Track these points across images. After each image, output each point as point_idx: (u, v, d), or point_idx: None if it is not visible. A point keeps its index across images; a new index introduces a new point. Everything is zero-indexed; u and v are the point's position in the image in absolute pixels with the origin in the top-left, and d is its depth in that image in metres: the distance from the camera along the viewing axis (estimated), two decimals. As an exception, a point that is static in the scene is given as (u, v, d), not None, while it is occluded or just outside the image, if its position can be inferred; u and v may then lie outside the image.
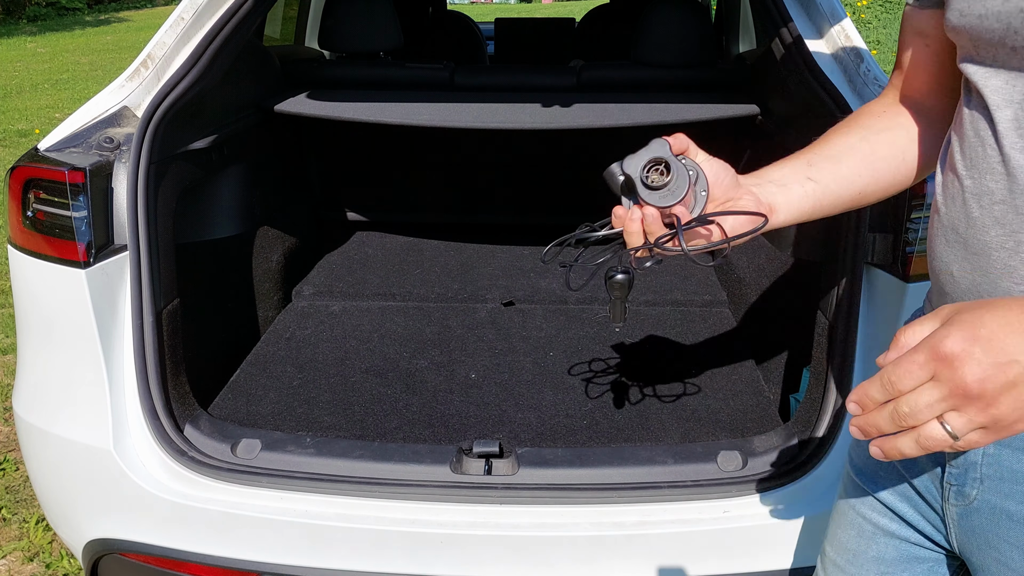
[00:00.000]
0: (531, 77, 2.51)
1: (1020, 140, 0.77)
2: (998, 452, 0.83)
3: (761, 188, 0.98)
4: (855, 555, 1.05)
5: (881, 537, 1.02)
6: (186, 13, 1.66)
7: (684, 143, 0.96)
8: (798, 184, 0.99)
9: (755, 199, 0.96)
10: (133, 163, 1.54)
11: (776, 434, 1.59)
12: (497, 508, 1.47)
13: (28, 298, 1.58)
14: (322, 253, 2.75)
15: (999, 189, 0.79)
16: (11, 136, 7.35)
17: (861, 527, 1.04)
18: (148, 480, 1.51)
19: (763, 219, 0.93)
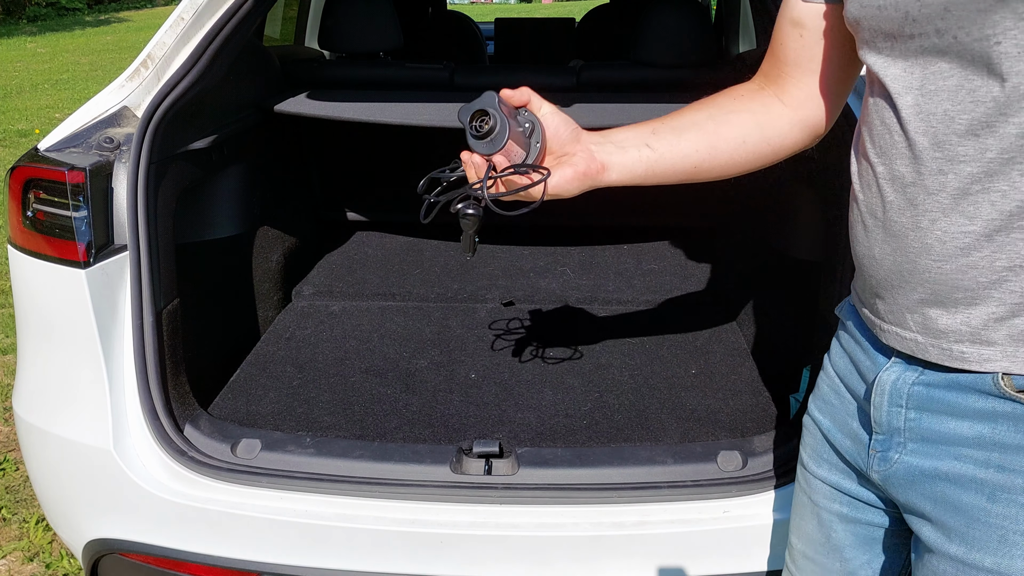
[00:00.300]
0: (531, 77, 2.51)
1: (923, 124, 0.80)
2: (919, 417, 0.89)
3: (600, 147, 1.03)
4: (820, 544, 1.09)
5: (838, 523, 1.06)
6: (186, 13, 1.66)
7: (525, 96, 1.02)
8: (635, 148, 1.05)
9: (589, 156, 1.02)
10: (133, 163, 1.54)
11: (776, 434, 1.59)
12: (497, 508, 1.47)
13: (28, 298, 1.58)
14: (322, 253, 2.75)
15: (909, 172, 0.82)
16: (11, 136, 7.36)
17: (819, 515, 1.08)
18: (148, 480, 1.51)
19: (546, 173, 0.99)
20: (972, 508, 0.86)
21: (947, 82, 0.78)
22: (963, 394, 0.84)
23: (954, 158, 0.78)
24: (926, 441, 0.89)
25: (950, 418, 0.86)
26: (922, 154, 0.80)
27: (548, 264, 2.66)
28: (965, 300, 0.81)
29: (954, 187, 0.79)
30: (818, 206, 1.74)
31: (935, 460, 0.88)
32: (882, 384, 0.92)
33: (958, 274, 0.80)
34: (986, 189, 0.77)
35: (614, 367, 2.04)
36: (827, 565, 1.09)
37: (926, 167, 0.80)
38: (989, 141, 0.76)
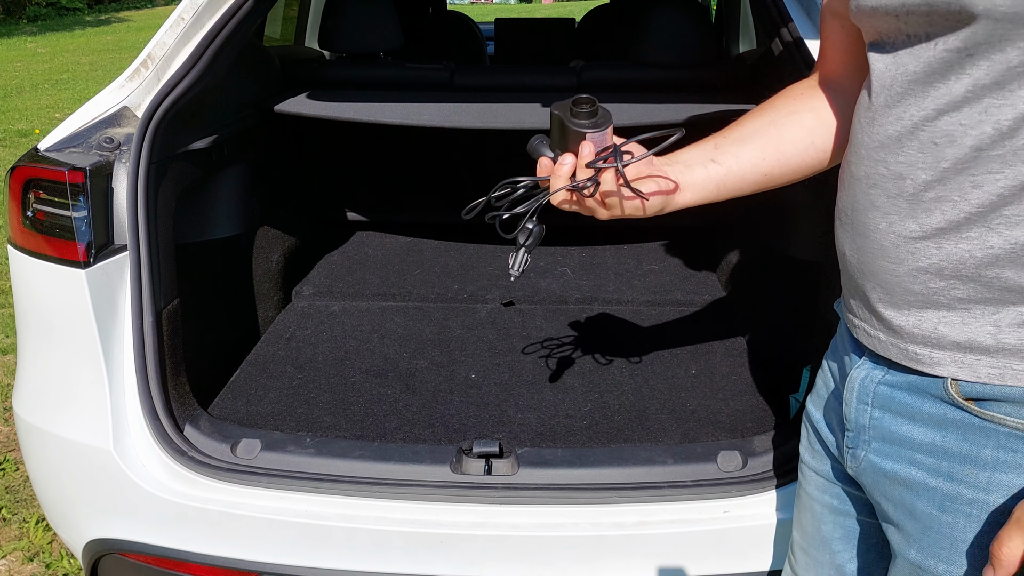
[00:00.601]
0: (531, 77, 2.52)
1: (887, 127, 0.81)
2: (881, 416, 0.90)
3: (670, 168, 1.03)
4: (812, 536, 1.11)
5: (828, 516, 1.08)
6: (186, 13, 1.66)
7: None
8: (701, 166, 1.03)
9: (664, 176, 1.02)
10: (133, 163, 1.54)
11: (776, 434, 1.59)
12: (497, 508, 1.47)
13: (28, 298, 1.58)
14: (322, 253, 2.75)
15: (874, 174, 0.83)
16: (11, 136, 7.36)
17: (812, 508, 1.10)
18: (148, 480, 1.51)
19: (682, 131, 0.98)
20: (925, 515, 0.87)
21: (913, 86, 0.79)
22: (920, 398, 0.85)
23: (912, 163, 0.79)
24: (887, 442, 0.90)
25: (907, 421, 0.87)
26: (886, 157, 0.82)
27: (548, 264, 2.66)
28: (917, 303, 0.82)
29: (909, 192, 0.80)
30: (818, 206, 1.74)
31: (894, 462, 0.90)
32: (852, 381, 0.94)
33: (909, 278, 0.82)
34: (939, 197, 0.78)
35: (614, 367, 2.04)
36: (818, 558, 1.11)
37: (890, 170, 0.81)
38: (946, 151, 0.77)
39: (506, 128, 2.10)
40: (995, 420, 0.80)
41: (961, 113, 0.75)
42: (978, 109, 0.74)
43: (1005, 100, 0.73)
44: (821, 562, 1.11)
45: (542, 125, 2.11)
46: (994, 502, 0.81)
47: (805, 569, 1.14)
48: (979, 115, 0.74)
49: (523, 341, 2.19)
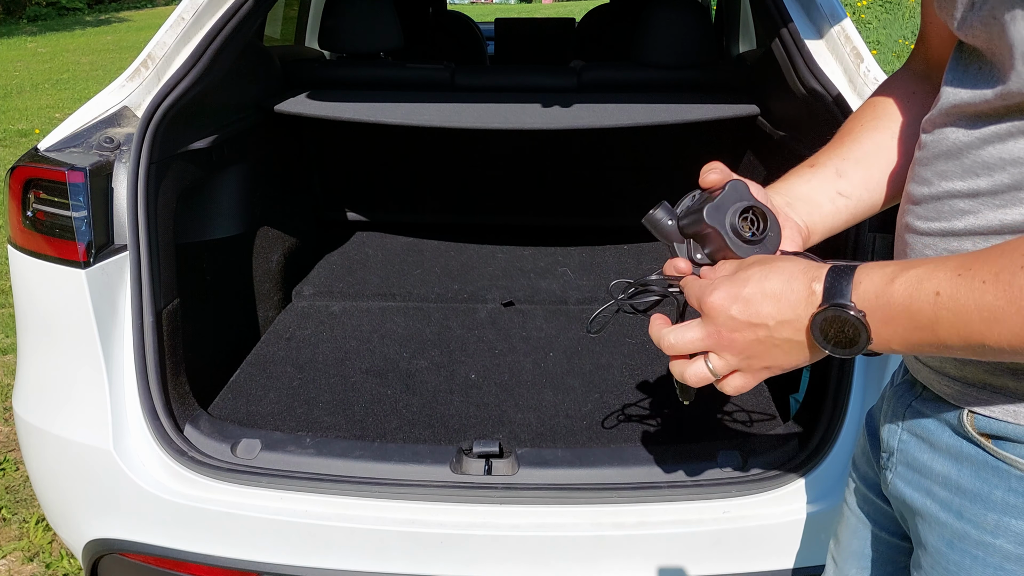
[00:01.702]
0: (531, 77, 2.51)
1: (930, 161, 0.79)
2: (908, 440, 0.87)
3: (793, 208, 0.93)
4: (844, 548, 1.08)
5: (862, 530, 1.04)
6: (186, 13, 1.66)
7: (755, 186, 0.90)
8: (829, 202, 0.94)
9: (793, 224, 0.92)
10: (133, 163, 1.54)
11: (776, 434, 1.59)
12: (497, 508, 1.47)
13: (28, 298, 1.58)
14: (322, 253, 2.75)
15: (916, 193, 0.81)
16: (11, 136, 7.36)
17: (848, 520, 1.07)
18: (148, 480, 1.51)
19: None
20: (934, 550, 0.85)
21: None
22: (941, 426, 0.83)
23: (950, 191, 0.77)
24: (911, 468, 0.88)
25: (929, 449, 0.85)
26: (931, 178, 0.80)
27: (548, 264, 2.66)
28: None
29: (945, 220, 0.78)
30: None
31: (913, 490, 0.88)
32: (890, 399, 0.92)
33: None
34: (969, 228, 0.76)
35: (614, 367, 2.04)
36: (845, 571, 1.08)
37: (931, 189, 0.80)
38: (980, 183, 0.74)
39: (506, 128, 2.10)
40: (1008, 461, 0.77)
41: (1006, 146, 0.72)
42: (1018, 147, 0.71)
43: None
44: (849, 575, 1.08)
45: (542, 125, 2.11)
46: (1000, 547, 0.78)
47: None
48: (1019, 152, 0.71)
49: (523, 341, 2.19)
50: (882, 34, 10.31)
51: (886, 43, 9.90)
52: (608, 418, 1.81)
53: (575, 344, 2.17)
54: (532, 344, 2.17)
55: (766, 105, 2.22)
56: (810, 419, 1.54)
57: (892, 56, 9.19)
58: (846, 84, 1.65)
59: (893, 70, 1.02)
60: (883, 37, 10.18)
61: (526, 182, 2.87)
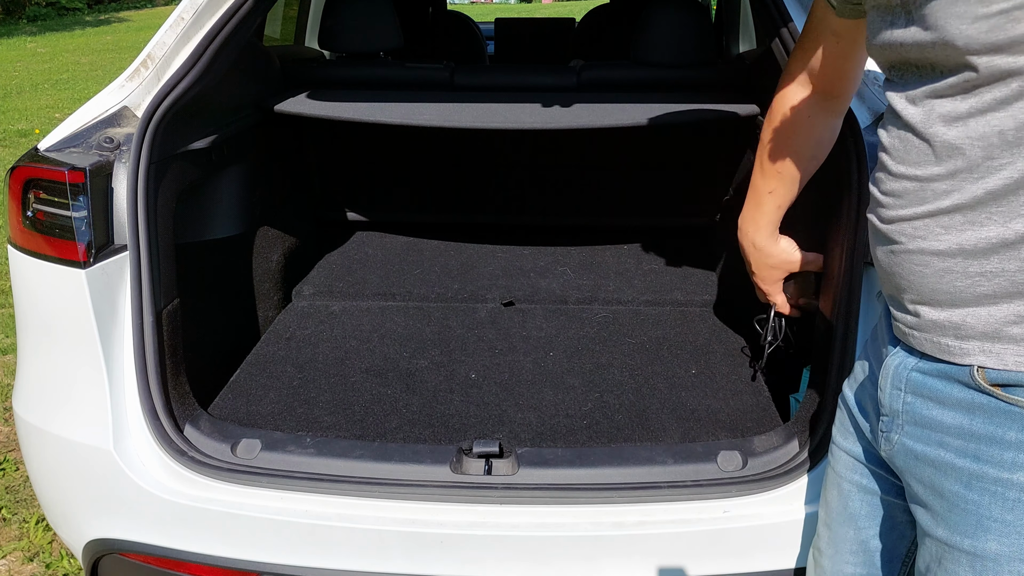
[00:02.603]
0: (531, 77, 2.51)
1: (913, 151, 0.92)
2: (913, 401, 0.98)
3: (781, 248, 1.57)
4: (838, 513, 1.18)
5: (856, 493, 1.15)
6: (186, 13, 1.66)
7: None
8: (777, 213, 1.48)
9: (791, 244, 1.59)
10: (133, 163, 1.54)
11: (776, 434, 1.59)
12: (497, 508, 1.47)
13: (28, 298, 1.58)
14: (322, 253, 2.75)
15: (899, 188, 0.94)
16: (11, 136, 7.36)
17: (840, 486, 1.18)
18: (148, 480, 1.51)
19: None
20: (952, 494, 0.94)
21: (923, 108, 0.90)
22: (949, 384, 0.93)
23: (932, 176, 0.89)
24: (918, 425, 0.98)
25: (937, 406, 0.95)
26: (907, 172, 0.92)
27: (548, 264, 2.66)
28: (946, 301, 0.91)
29: (931, 202, 0.89)
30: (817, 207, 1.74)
31: (924, 445, 0.97)
32: (887, 368, 1.02)
33: (936, 279, 0.91)
34: (957, 205, 0.88)
35: (614, 367, 2.04)
36: (841, 533, 1.17)
37: (911, 182, 0.92)
38: (959, 163, 0.86)
39: (506, 128, 2.10)
40: (1019, 404, 0.87)
41: (968, 127, 0.85)
42: (983, 123, 0.83)
43: (1007, 112, 0.82)
44: (845, 538, 1.17)
45: (542, 125, 2.12)
46: (1018, 480, 0.88)
47: (828, 544, 1.21)
48: (984, 127, 0.83)
49: (523, 341, 2.19)
50: (882, 34, 10.27)
51: (886, 43, 9.86)
52: (608, 418, 1.81)
53: (575, 344, 2.17)
54: (532, 343, 2.17)
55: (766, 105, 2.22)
56: (810, 419, 1.54)
57: (892, 56, 9.15)
58: (846, 84, 1.65)
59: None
60: (883, 37, 10.14)
61: (526, 182, 2.87)
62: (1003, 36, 0.79)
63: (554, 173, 2.85)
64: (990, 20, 0.79)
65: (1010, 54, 0.79)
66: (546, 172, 2.85)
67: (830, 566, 1.21)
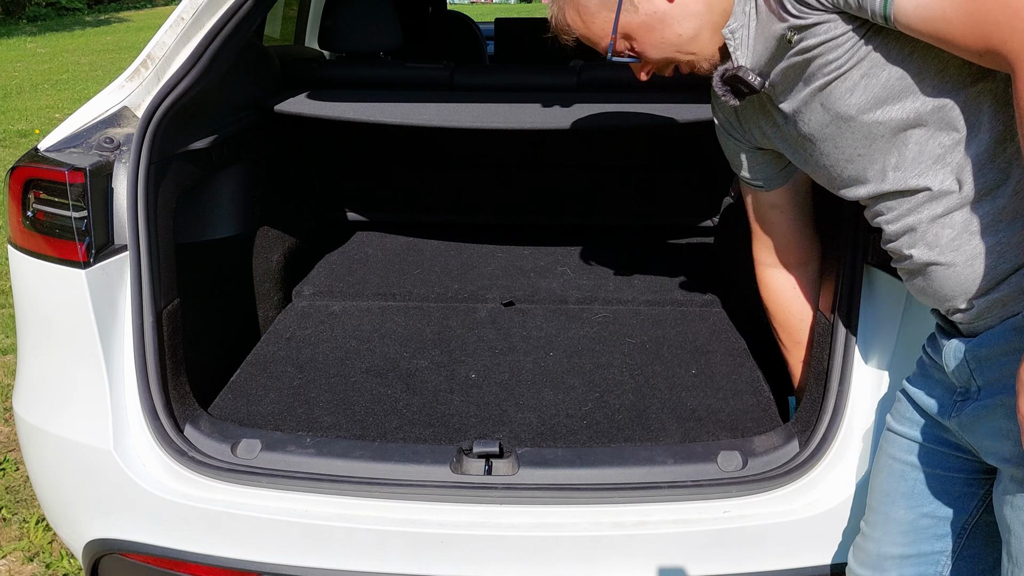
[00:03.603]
0: (531, 77, 2.51)
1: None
2: (977, 366, 1.09)
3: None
4: (888, 494, 1.25)
5: (910, 472, 1.23)
6: (186, 13, 1.66)
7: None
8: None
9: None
10: (133, 163, 1.54)
11: (776, 434, 1.59)
12: (497, 508, 1.47)
13: (28, 298, 1.58)
14: (322, 253, 2.75)
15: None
16: (11, 136, 7.36)
17: (892, 468, 1.25)
18: (148, 480, 1.51)
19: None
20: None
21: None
22: (1000, 339, 1.05)
23: (916, 188, 1.11)
24: (988, 383, 1.08)
25: (997, 361, 1.06)
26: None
27: (548, 264, 2.66)
28: (982, 291, 1.07)
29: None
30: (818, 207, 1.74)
31: (995, 395, 1.06)
32: (947, 355, 1.13)
33: (972, 281, 1.07)
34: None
35: (614, 367, 2.04)
36: (891, 514, 1.24)
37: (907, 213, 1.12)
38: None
39: (506, 128, 2.10)
40: None
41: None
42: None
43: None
44: (895, 519, 1.24)
45: (542, 125, 2.12)
46: None
47: (874, 528, 1.28)
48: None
49: (523, 341, 2.19)
50: (882, 34, 10.28)
51: (886, 43, 9.86)
52: (608, 418, 1.81)
53: (575, 343, 2.17)
54: (532, 344, 2.17)
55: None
56: (810, 419, 1.54)
57: (892, 56, 9.15)
58: (846, 84, 1.65)
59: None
60: (883, 37, 10.14)
61: (526, 181, 2.87)
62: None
63: (554, 173, 2.85)
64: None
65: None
66: (546, 172, 2.85)
67: (876, 549, 1.26)
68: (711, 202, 2.80)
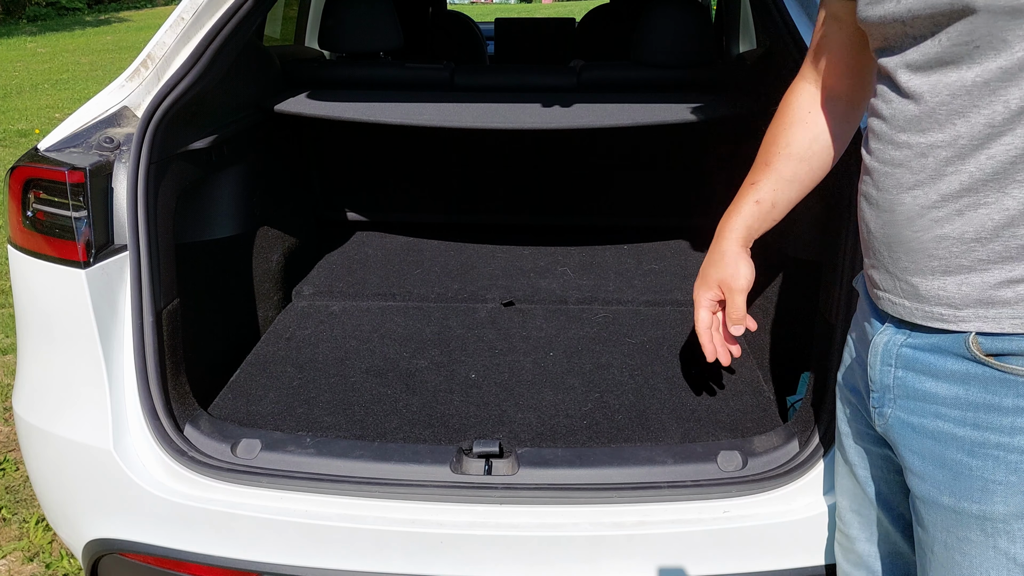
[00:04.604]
0: (531, 77, 2.51)
1: (910, 114, 0.92)
2: (905, 375, 1.00)
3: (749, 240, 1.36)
4: (859, 497, 1.21)
5: (867, 478, 1.18)
6: (186, 13, 1.66)
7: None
8: (770, 222, 1.32)
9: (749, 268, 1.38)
10: (133, 163, 1.54)
11: (776, 434, 1.59)
12: (497, 508, 1.47)
13: (28, 298, 1.58)
14: (322, 253, 2.75)
15: (898, 155, 0.94)
16: (11, 136, 7.36)
17: (854, 472, 1.20)
18: (148, 480, 1.51)
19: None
20: (954, 463, 0.96)
21: (927, 76, 0.89)
22: (942, 356, 0.95)
23: (933, 143, 0.89)
24: (912, 399, 1.00)
25: (931, 379, 0.97)
26: (908, 139, 0.92)
27: (548, 264, 2.66)
28: (940, 269, 0.92)
29: (932, 168, 0.90)
30: (818, 206, 1.74)
31: (920, 417, 0.99)
32: (875, 346, 1.04)
33: (933, 244, 0.92)
34: (958, 170, 0.88)
35: (614, 367, 2.04)
36: (870, 516, 1.20)
37: (912, 151, 0.92)
38: (961, 129, 0.87)
39: (506, 128, 2.10)
40: (1013, 372, 0.90)
41: (972, 96, 0.85)
42: (987, 91, 0.84)
43: (1012, 83, 0.83)
44: (872, 519, 1.20)
45: (542, 125, 2.12)
46: (1018, 444, 0.91)
47: (859, 529, 1.23)
48: (989, 96, 0.84)
49: (523, 341, 2.19)
50: (882, 34, 10.28)
51: (886, 43, 9.86)
52: (608, 418, 1.81)
53: (575, 344, 2.17)
54: (532, 344, 2.17)
55: (766, 105, 2.22)
56: (810, 419, 1.54)
57: (892, 56, 9.15)
58: (846, 84, 1.65)
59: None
60: (883, 37, 10.14)
61: (526, 182, 2.87)
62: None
63: (554, 173, 2.85)
64: None
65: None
66: (546, 172, 2.85)
67: (867, 549, 1.23)
68: (711, 202, 2.80)
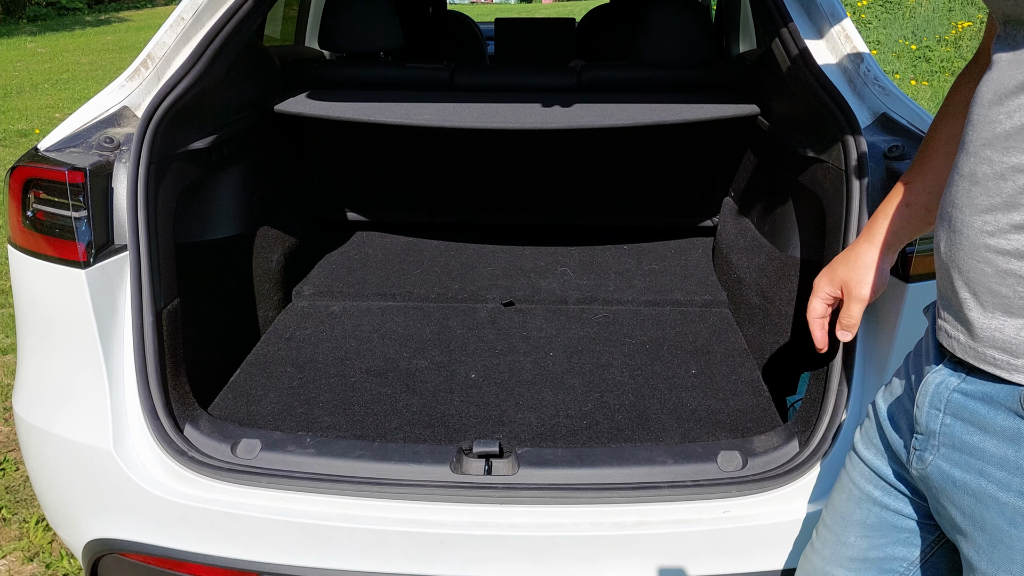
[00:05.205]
0: (531, 77, 2.52)
1: (992, 128, 0.81)
2: (952, 424, 0.92)
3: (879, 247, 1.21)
4: (843, 517, 1.14)
5: (866, 503, 1.10)
6: (186, 13, 1.66)
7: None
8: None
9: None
10: (133, 163, 1.54)
11: (776, 434, 1.59)
12: (497, 508, 1.47)
13: (28, 298, 1.58)
14: (322, 253, 2.75)
15: (978, 171, 0.83)
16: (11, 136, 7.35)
17: (851, 491, 1.13)
18: (148, 480, 1.51)
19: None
20: (994, 528, 0.88)
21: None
22: (993, 409, 0.86)
23: (1014, 167, 0.79)
24: (957, 450, 0.91)
25: (979, 432, 0.88)
26: (991, 156, 0.82)
27: (548, 264, 2.66)
28: (1001, 307, 0.83)
29: (1008, 194, 0.80)
30: (819, 206, 1.74)
31: (963, 471, 0.91)
32: (927, 385, 0.95)
33: (996, 279, 0.82)
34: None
35: (614, 367, 2.04)
36: (843, 538, 1.13)
37: (992, 169, 0.81)
38: None
39: (506, 128, 2.10)
40: None
41: None
42: None
43: None
44: (846, 542, 1.13)
45: (542, 125, 2.12)
46: None
47: (825, 545, 1.17)
48: None
49: (523, 341, 2.19)
50: (882, 34, 10.30)
51: (886, 43, 9.89)
52: (608, 418, 1.81)
53: (575, 344, 2.17)
54: (532, 344, 2.17)
55: (766, 105, 2.22)
56: (810, 419, 1.54)
57: (892, 56, 9.18)
58: (846, 84, 1.65)
59: (893, 70, 1.08)
60: (883, 37, 10.17)
61: (526, 182, 2.87)
62: None
63: (554, 173, 2.85)
64: None
65: None
66: (546, 172, 2.85)
67: (822, 565, 1.17)
68: (711, 202, 2.80)
